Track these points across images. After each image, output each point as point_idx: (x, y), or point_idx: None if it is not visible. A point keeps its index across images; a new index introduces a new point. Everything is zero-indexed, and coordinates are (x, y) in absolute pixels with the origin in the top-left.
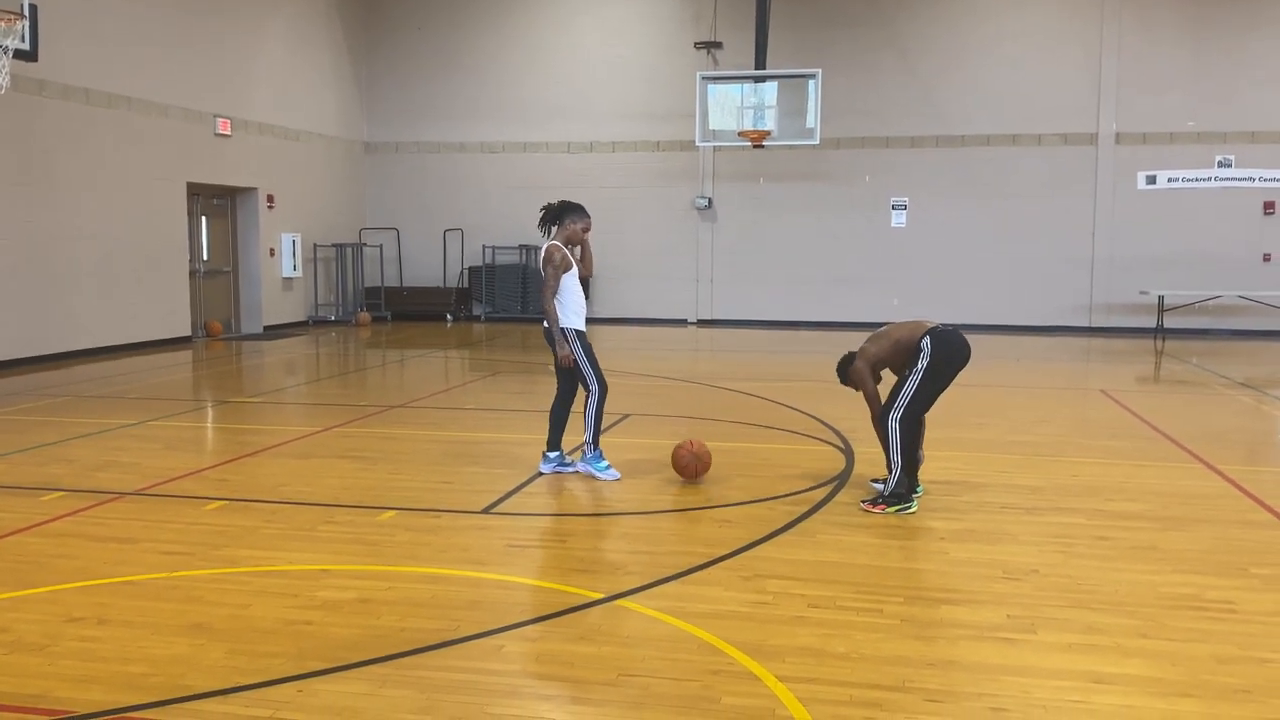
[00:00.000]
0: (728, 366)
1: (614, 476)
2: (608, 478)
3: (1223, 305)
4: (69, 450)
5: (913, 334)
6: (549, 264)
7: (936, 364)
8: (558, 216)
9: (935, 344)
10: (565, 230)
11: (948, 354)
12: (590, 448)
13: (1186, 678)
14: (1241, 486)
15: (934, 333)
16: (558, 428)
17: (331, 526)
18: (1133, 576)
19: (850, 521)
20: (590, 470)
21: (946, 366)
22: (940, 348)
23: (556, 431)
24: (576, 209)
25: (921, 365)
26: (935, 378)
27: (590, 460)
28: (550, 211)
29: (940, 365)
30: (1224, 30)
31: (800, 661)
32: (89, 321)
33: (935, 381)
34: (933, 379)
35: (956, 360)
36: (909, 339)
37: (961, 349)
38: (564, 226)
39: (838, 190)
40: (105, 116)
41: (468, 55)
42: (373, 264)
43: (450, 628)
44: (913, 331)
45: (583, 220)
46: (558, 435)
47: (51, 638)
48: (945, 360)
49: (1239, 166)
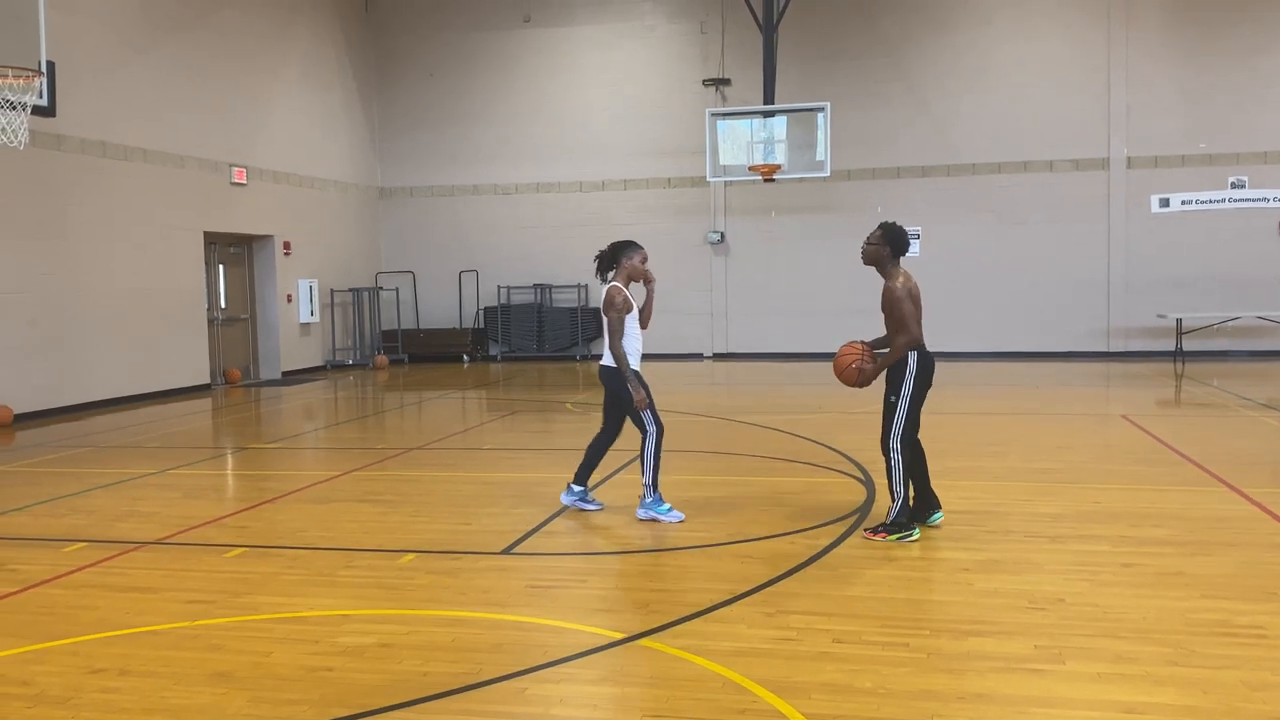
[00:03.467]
0: (745, 400)
1: (678, 518)
2: (672, 519)
3: (1241, 327)
4: (90, 501)
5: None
6: (611, 308)
7: (920, 383)
8: (613, 259)
9: (922, 361)
10: (624, 270)
11: (927, 375)
12: (650, 491)
13: (1219, 705)
14: (1268, 509)
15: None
16: (590, 463)
17: (352, 571)
18: (1160, 603)
19: (873, 554)
20: (654, 515)
21: (926, 386)
22: (925, 365)
23: (588, 467)
24: (628, 245)
25: (908, 386)
26: (918, 398)
27: (651, 505)
28: (604, 256)
29: (923, 384)
30: (1232, 52)
31: (826, 698)
32: (108, 371)
33: (919, 401)
34: (917, 399)
35: (929, 377)
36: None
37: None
38: (621, 266)
39: (850, 221)
40: (122, 168)
41: (479, 99)
42: (389, 307)
43: (472, 671)
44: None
45: (638, 253)
46: (588, 471)
47: (74, 690)
48: (926, 380)
49: (1252, 187)
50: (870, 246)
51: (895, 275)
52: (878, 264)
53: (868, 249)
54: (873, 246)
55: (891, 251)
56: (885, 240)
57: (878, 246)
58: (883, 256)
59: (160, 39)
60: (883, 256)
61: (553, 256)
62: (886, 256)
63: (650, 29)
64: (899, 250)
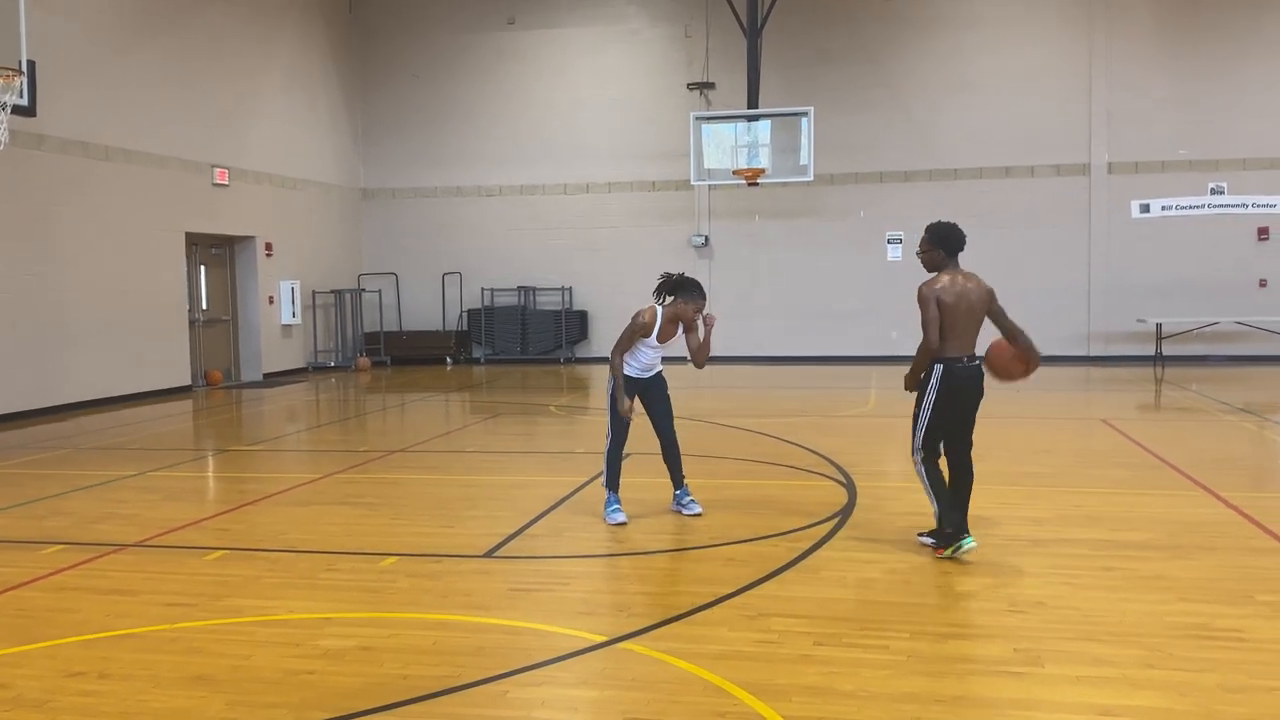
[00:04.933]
0: (728, 403)
1: (615, 520)
2: (609, 520)
3: (1220, 331)
4: (69, 503)
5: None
6: (630, 324)
7: (948, 400)
8: (672, 291)
9: (948, 377)
10: (675, 306)
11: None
12: (606, 489)
13: (1196, 708)
14: (1246, 513)
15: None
16: (675, 468)
17: (333, 574)
18: (1139, 606)
19: (855, 557)
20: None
21: (957, 404)
22: (951, 382)
23: (674, 471)
24: (689, 288)
25: (930, 399)
26: (942, 412)
27: (606, 503)
28: (666, 283)
29: (951, 401)
30: (1213, 59)
31: (807, 701)
32: (88, 373)
33: (944, 417)
34: (939, 414)
35: (960, 396)
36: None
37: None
38: (676, 302)
39: (833, 226)
40: (103, 169)
41: (463, 100)
42: (371, 309)
43: (453, 674)
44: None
45: (694, 301)
46: (676, 474)
47: (52, 693)
48: (954, 398)
49: (1232, 193)
50: (923, 255)
51: (939, 277)
52: (935, 269)
53: (921, 257)
54: (924, 254)
55: (945, 253)
56: (934, 243)
57: (929, 253)
58: (937, 260)
59: (142, 39)
60: (937, 260)
61: (537, 259)
62: (941, 259)
63: (634, 32)
64: (950, 249)
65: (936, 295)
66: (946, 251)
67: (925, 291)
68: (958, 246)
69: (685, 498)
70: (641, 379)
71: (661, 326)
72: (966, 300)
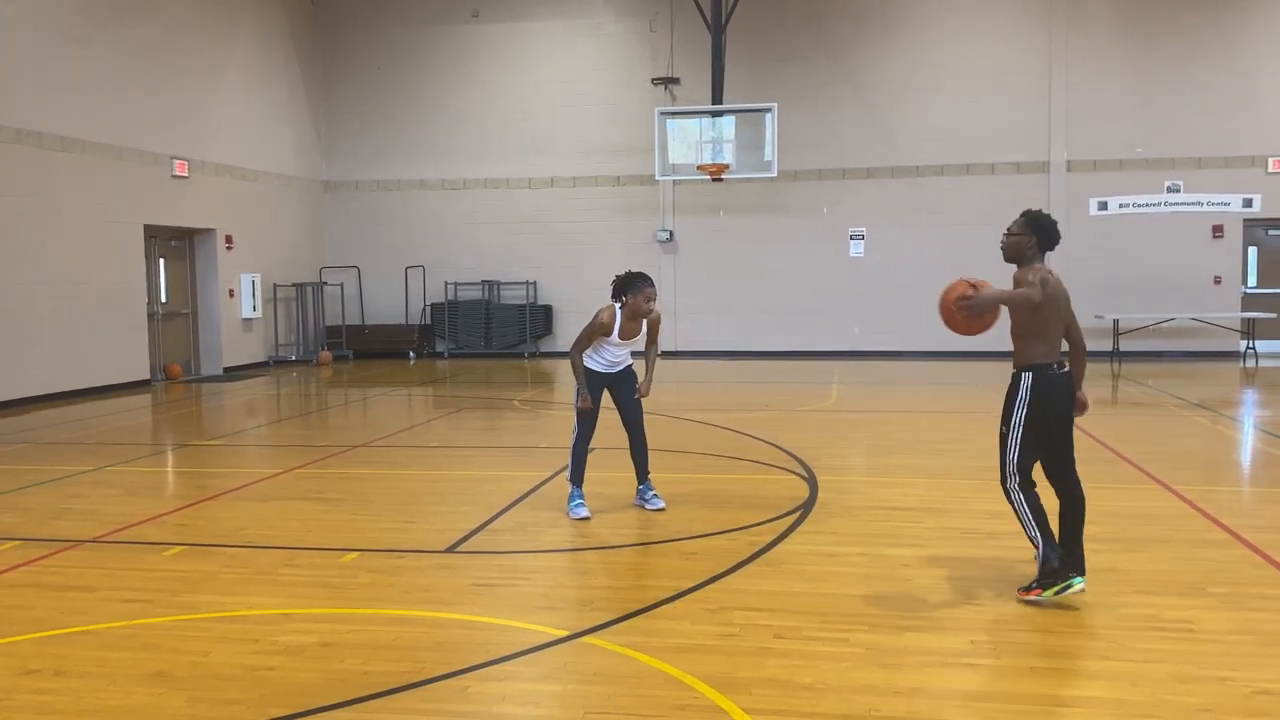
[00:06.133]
0: (691, 397)
1: (576, 515)
2: (572, 514)
3: (1176, 328)
4: (25, 498)
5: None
6: (590, 323)
7: (1039, 410)
8: (622, 290)
9: (1039, 384)
10: (631, 302)
11: (1050, 401)
12: (570, 483)
13: (1147, 698)
14: (1199, 507)
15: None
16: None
17: (293, 570)
18: (1093, 599)
19: (815, 551)
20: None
21: (1049, 414)
22: (1045, 388)
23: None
24: (636, 281)
25: (1021, 412)
26: (1033, 426)
27: (569, 497)
28: (616, 284)
29: (1043, 410)
30: (1169, 60)
31: (767, 693)
32: (45, 366)
33: (1035, 431)
34: (1030, 429)
35: (1055, 407)
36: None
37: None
38: (627, 300)
39: (797, 222)
40: (59, 160)
41: (427, 94)
42: (333, 303)
43: (414, 670)
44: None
45: (643, 290)
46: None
47: (6, 691)
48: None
49: (1188, 192)
50: (1011, 238)
51: (1027, 274)
52: (1018, 259)
53: (1008, 240)
54: (1014, 238)
55: (1039, 245)
56: (1029, 229)
57: (1018, 239)
58: (1025, 250)
59: (99, 28)
60: (1025, 250)
61: (501, 253)
62: (1030, 251)
63: (599, 27)
64: (1047, 242)
65: (1042, 277)
66: (1042, 244)
67: (1032, 275)
68: (1054, 242)
69: (649, 493)
70: (608, 374)
71: (622, 325)
72: (1059, 300)
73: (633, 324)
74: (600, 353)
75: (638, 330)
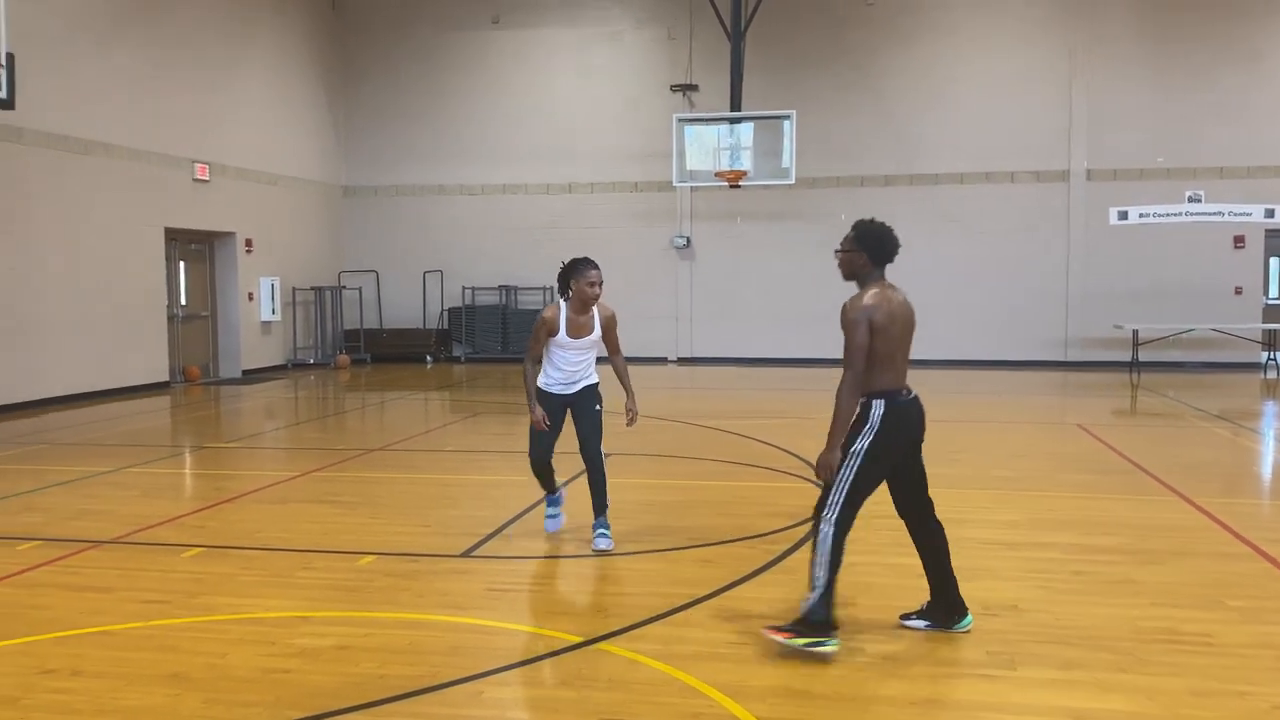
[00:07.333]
0: (707, 404)
1: (549, 528)
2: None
3: (1196, 338)
4: (44, 499)
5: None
6: (534, 326)
7: (886, 441)
8: (565, 279)
9: (890, 415)
10: (575, 294)
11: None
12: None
13: (1165, 712)
14: (1218, 519)
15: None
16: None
17: (309, 573)
18: (1111, 611)
19: None
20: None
21: (898, 446)
22: (895, 420)
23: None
24: (578, 266)
25: (864, 443)
26: (874, 459)
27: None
28: (559, 276)
29: (891, 442)
30: (1191, 69)
31: (782, 703)
32: (66, 368)
33: (876, 463)
34: (871, 461)
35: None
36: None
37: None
38: (572, 288)
39: (813, 229)
40: (83, 163)
41: (446, 99)
42: (352, 307)
43: (429, 674)
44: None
45: (585, 274)
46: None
47: (25, 690)
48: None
49: (1209, 201)
50: (842, 256)
51: (865, 292)
52: (855, 277)
53: (840, 259)
54: (844, 256)
55: (872, 260)
56: (859, 244)
57: (850, 256)
58: (859, 268)
59: (123, 33)
60: (859, 268)
61: (518, 258)
62: (865, 268)
63: (618, 34)
64: (880, 256)
65: (868, 316)
66: (874, 259)
67: (853, 313)
68: (889, 255)
69: (600, 528)
70: (566, 394)
71: (569, 320)
72: (900, 320)
73: (582, 318)
74: (555, 364)
75: (589, 328)
